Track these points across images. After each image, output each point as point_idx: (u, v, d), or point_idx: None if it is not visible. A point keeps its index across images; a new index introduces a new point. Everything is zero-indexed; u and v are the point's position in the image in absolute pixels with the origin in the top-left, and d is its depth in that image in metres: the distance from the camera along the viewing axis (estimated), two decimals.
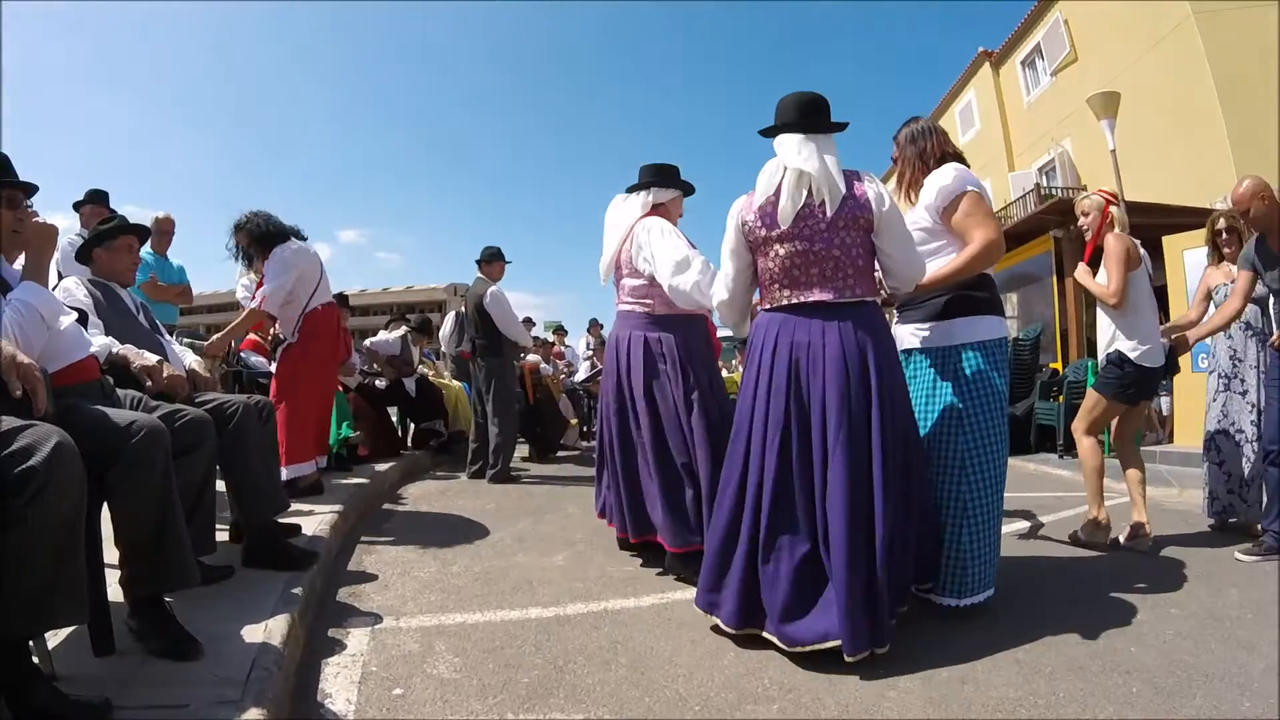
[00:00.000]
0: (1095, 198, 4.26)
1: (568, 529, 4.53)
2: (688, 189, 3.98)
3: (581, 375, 10.95)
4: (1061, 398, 8.55)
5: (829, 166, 2.63)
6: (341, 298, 6.85)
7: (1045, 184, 17.07)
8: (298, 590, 2.72)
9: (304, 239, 4.79)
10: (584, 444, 10.08)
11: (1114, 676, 2.36)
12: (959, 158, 3.14)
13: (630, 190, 3.90)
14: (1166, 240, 8.22)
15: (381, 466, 5.97)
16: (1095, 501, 4.18)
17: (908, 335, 3.12)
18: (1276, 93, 12.14)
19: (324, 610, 2.93)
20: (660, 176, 3.87)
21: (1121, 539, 4.07)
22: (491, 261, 6.88)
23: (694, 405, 3.46)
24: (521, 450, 7.94)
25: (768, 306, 2.82)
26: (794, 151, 2.66)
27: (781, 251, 2.69)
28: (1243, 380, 4.52)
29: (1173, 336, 4.29)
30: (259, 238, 4.61)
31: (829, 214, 2.60)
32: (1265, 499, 3.94)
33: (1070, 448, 8.35)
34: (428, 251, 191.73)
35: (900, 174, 3.25)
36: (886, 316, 2.91)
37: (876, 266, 2.81)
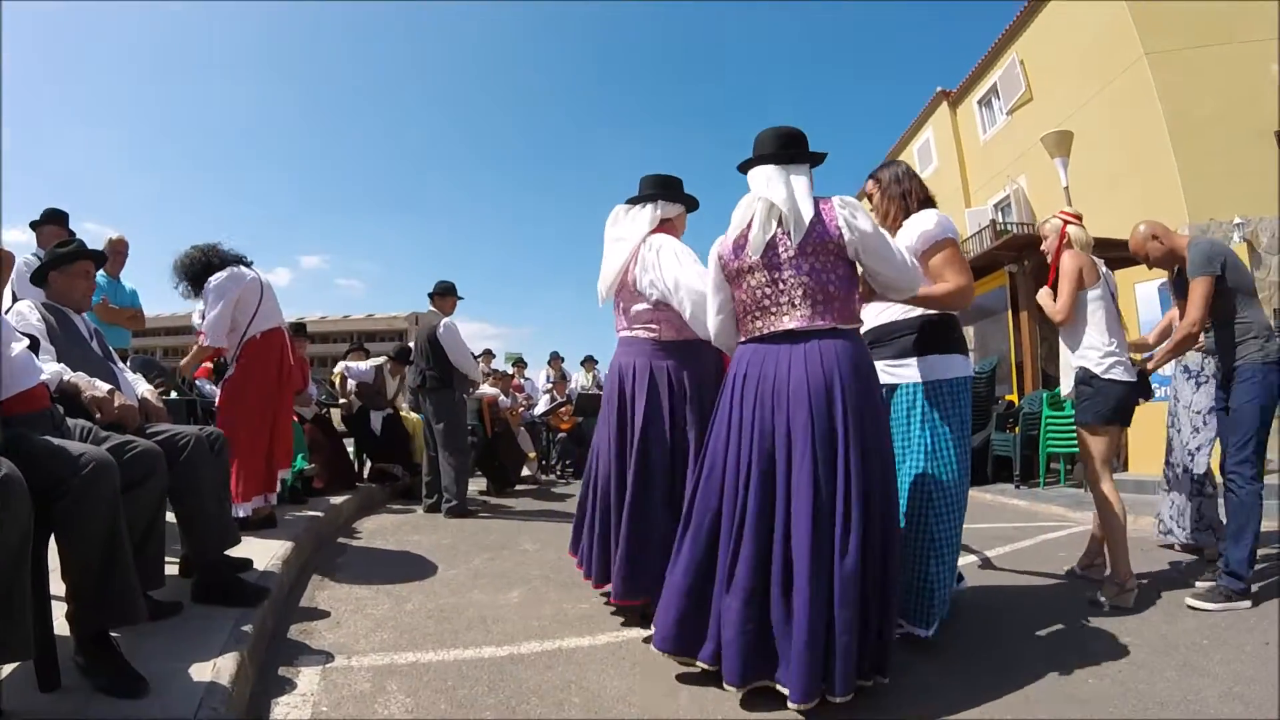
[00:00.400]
0: (1054, 220, 4.34)
1: (524, 565, 4.52)
2: (692, 204, 3.76)
3: (541, 408, 10.98)
4: (1017, 429, 8.82)
5: (795, 194, 2.66)
6: (298, 326, 6.84)
7: (1001, 220, 17.56)
8: (248, 627, 2.69)
9: (247, 264, 4.72)
10: (543, 477, 10.10)
11: (1071, 706, 2.44)
12: (933, 203, 3.31)
13: (632, 202, 3.64)
14: (1118, 274, 8.46)
15: (336, 500, 5.93)
16: (1119, 557, 3.82)
17: (879, 371, 3.16)
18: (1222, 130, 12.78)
19: (275, 648, 2.90)
20: (666, 189, 3.62)
21: (1100, 596, 3.78)
22: (445, 295, 6.92)
23: (685, 441, 3.31)
24: (479, 484, 7.95)
25: (742, 339, 2.85)
26: (763, 182, 2.73)
27: (752, 282, 2.72)
28: (1176, 418, 4.88)
29: (1140, 358, 4.32)
30: (193, 275, 4.57)
31: (794, 242, 2.62)
32: (1222, 535, 4.04)
33: (1026, 478, 8.60)
34: (389, 280, 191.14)
35: (883, 211, 3.37)
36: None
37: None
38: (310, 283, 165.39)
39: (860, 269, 2.79)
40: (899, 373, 3.20)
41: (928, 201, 3.30)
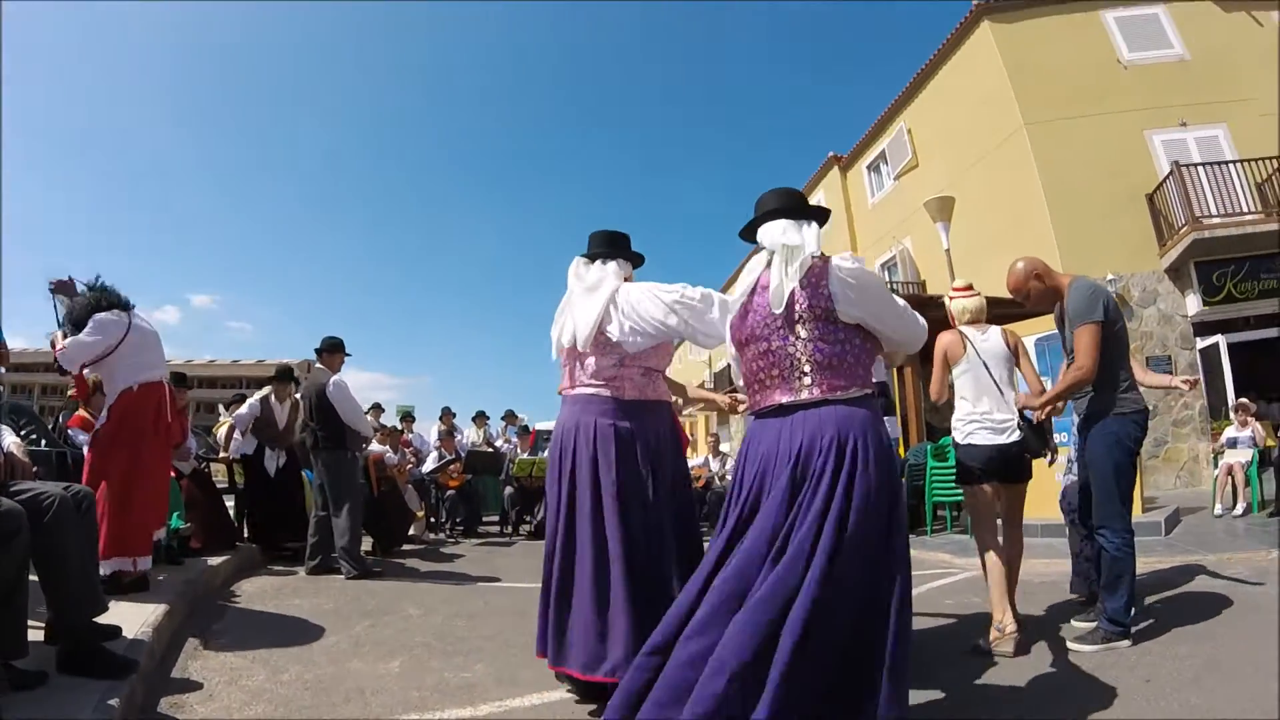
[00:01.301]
0: (946, 300, 4.58)
1: (407, 632, 4.51)
2: (638, 260, 3.66)
3: (429, 465, 10.82)
4: (904, 479, 9.13)
5: (786, 257, 2.63)
6: (179, 377, 6.70)
7: (888, 279, 18.65)
8: (114, 701, 2.65)
9: (126, 309, 4.65)
10: (431, 536, 9.99)
11: None
12: None
13: (593, 257, 3.51)
14: (1017, 325, 9.02)
15: (214, 561, 5.80)
16: (998, 605, 3.98)
17: None
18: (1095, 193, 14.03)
19: None
20: (620, 247, 3.55)
21: (981, 642, 3.92)
22: (333, 352, 6.90)
23: (663, 505, 3.19)
24: (365, 544, 7.69)
25: (750, 413, 2.82)
26: (778, 232, 2.70)
27: (749, 354, 2.73)
28: (1074, 464, 5.18)
29: (1031, 410, 4.38)
30: (76, 320, 4.47)
31: (778, 309, 2.60)
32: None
33: (914, 526, 9.01)
34: (283, 325, 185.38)
35: None
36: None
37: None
38: (200, 323, 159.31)
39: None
40: None
41: None
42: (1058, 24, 15.53)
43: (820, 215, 2.84)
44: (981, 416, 4.23)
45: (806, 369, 2.57)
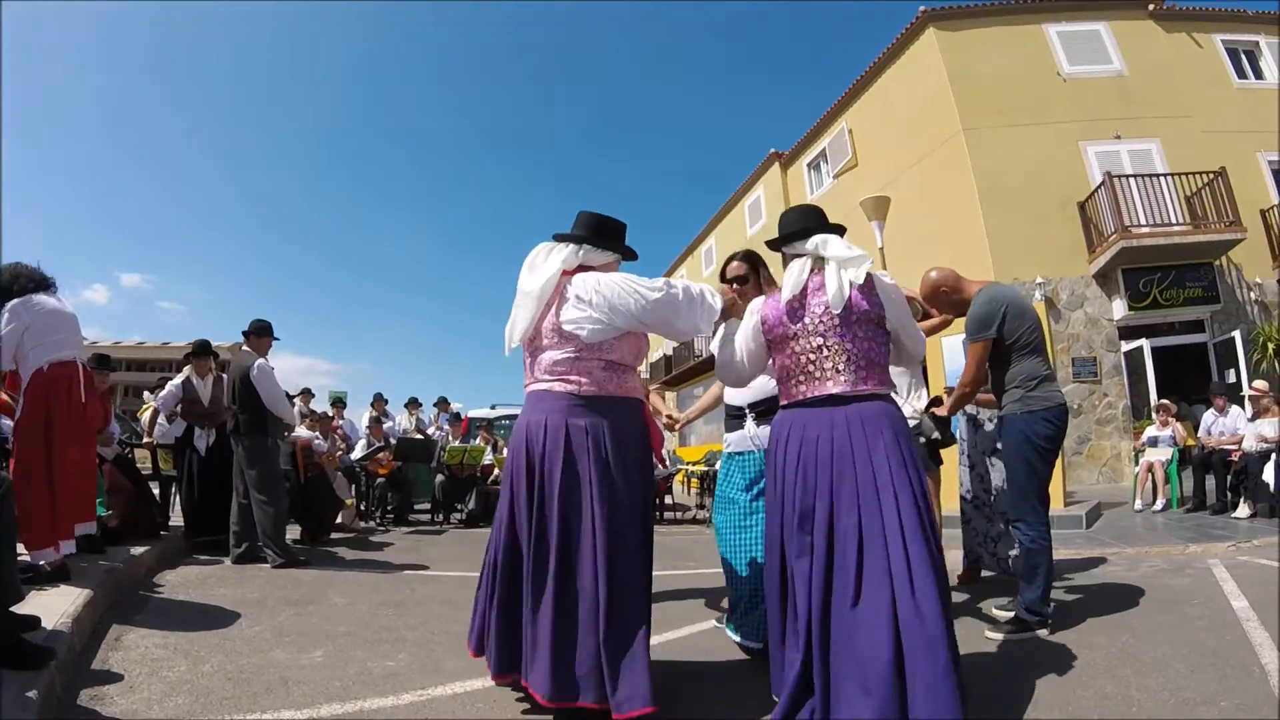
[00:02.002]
0: None
1: (331, 621, 4.54)
2: (629, 255, 3.42)
3: (359, 452, 10.75)
4: None
5: (848, 265, 3.01)
6: (101, 358, 6.59)
7: None
8: (33, 694, 2.64)
9: (46, 288, 4.62)
10: (361, 525, 9.91)
11: None
12: None
13: (559, 239, 3.28)
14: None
15: (137, 550, 5.72)
16: None
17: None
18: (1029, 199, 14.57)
19: (63, 715, 2.88)
20: (597, 234, 3.28)
21: None
22: (260, 335, 6.87)
23: (611, 514, 2.96)
24: (292, 532, 7.73)
25: (785, 403, 3.12)
26: (823, 244, 3.10)
27: (798, 347, 3.02)
28: (967, 454, 5.49)
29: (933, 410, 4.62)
30: None
31: (838, 310, 2.95)
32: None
33: None
34: (214, 306, 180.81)
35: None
36: None
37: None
38: (130, 302, 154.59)
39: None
40: None
41: None
42: (1001, 34, 16.05)
43: (842, 231, 3.22)
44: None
45: (862, 364, 2.95)
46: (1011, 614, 4.20)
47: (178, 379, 7.59)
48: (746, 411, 4.09)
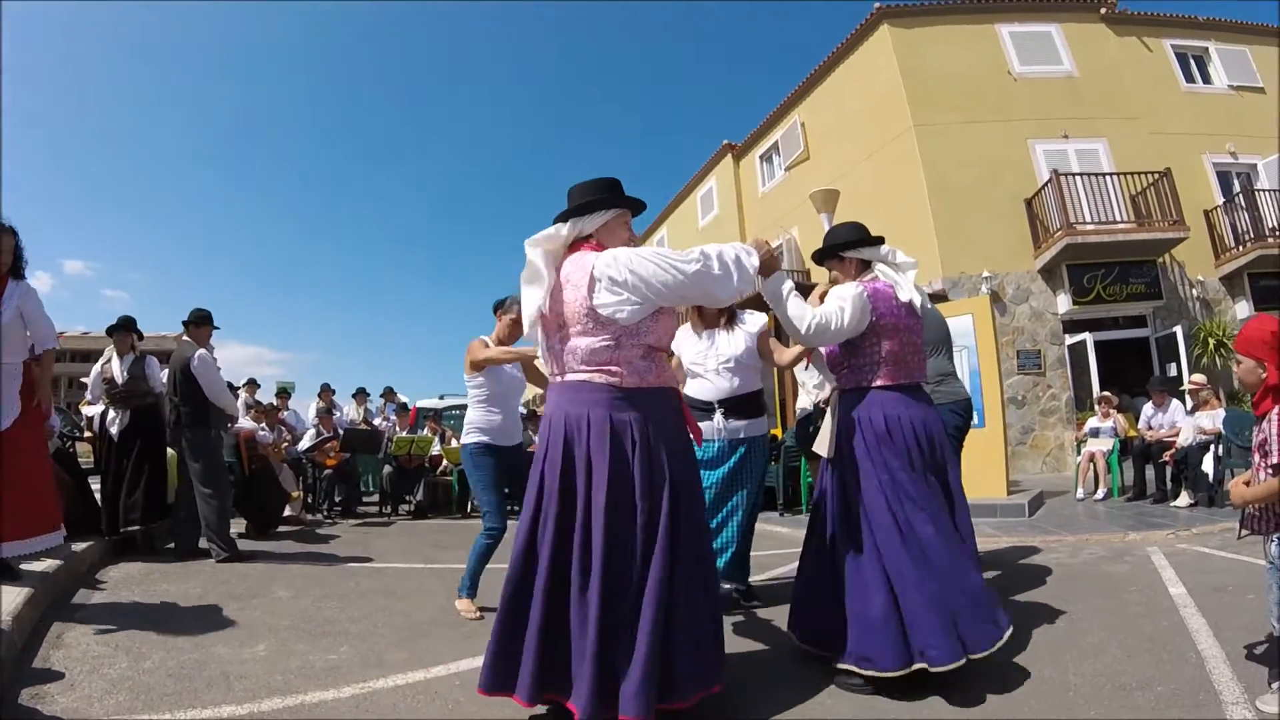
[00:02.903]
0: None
1: (275, 615, 4.57)
2: (634, 206, 3.22)
3: (306, 443, 10.71)
4: (779, 461, 9.83)
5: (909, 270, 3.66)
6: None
7: None
8: None
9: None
10: (308, 517, 9.89)
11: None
12: None
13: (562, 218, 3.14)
14: None
15: (79, 546, 5.66)
16: None
17: (737, 429, 4.59)
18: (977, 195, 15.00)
19: (3, 715, 2.90)
20: (580, 201, 3.11)
21: None
22: (200, 325, 6.76)
23: (662, 511, 2.87)
24: (238, 525, 7.65)
25: (887, 384, 3.53)
26: (890, 252, 3.68)
27: (898, 338, 3.55)
28: None
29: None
30: None
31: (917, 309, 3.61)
32: None
33: (790, 506, 9.68)
34: (160, 293, 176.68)
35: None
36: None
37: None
38: (73, 291, 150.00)
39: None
40: (753, 428, 4.64)
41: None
42: (954, 33, 16.36)
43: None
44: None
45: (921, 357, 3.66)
46: None
47: (101, 360, 7.09)
48: (716, 406, 4.62)
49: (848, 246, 3.70)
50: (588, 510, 2.85)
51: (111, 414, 6.79)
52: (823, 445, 3.71)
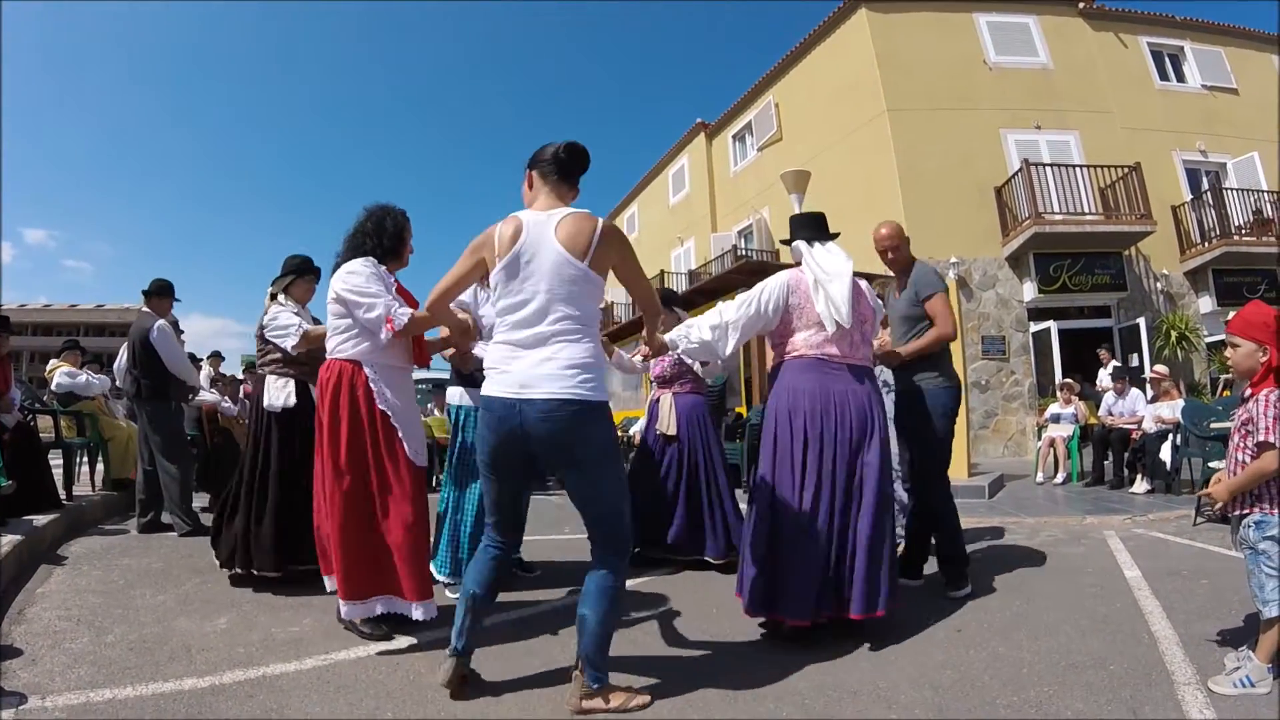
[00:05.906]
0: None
1: (236, 588, 4.56)
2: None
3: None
4: (744, 439, 10.05)
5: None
6: (0, 320, 6.42)
7: (743, 246, 20.10)
8: None
9: None
10: None
11: (764, 704, 2.91)
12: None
13: (810, 240, 4.02)
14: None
15: (40, 520, 5.59)
16: None
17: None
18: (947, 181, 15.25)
19: None
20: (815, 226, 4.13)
21: None
22: (161, 296, 6.68)
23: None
24: (200, 499, 7.63)
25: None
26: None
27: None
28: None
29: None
30: None
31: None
32: None
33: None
34: (125, 264, 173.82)
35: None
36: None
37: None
38: (34, 261, 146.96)
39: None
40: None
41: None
42: (931, 20, 16.55)
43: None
44: None
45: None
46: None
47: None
48: None
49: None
50: (852, 465, 3.71)
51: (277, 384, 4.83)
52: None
